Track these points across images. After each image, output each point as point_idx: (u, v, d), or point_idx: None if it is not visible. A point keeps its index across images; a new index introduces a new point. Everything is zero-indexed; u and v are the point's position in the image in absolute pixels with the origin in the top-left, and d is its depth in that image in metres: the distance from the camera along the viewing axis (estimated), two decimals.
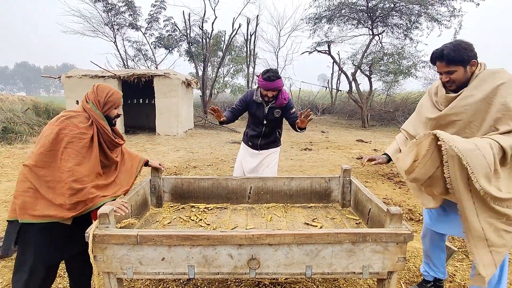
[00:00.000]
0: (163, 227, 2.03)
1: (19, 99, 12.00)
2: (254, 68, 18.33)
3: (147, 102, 13.54)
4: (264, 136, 2.94)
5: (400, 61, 13.78)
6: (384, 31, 14.62)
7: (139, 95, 13.20)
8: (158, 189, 2.38)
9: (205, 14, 15.80)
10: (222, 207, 2.40)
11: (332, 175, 2.50)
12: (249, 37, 17.54)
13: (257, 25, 17.73)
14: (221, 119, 2.70)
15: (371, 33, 14.60)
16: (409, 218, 3.47)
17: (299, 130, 2.72)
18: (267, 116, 2.84)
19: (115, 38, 16.78)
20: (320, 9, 14.44)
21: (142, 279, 2.20)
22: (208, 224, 2.07)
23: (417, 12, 13.16)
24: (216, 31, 17.14)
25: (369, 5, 13.46)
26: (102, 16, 16.12)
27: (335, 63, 17.41)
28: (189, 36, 16.36)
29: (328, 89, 21.99)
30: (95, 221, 1.51)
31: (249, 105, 2.88)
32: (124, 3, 15.96)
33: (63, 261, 1.87)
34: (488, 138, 1.51)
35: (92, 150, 1.75)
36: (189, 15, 15.97)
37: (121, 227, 1.68)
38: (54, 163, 1.63)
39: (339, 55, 17.35)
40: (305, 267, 1.50)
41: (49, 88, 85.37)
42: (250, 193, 2.45)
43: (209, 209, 2.36)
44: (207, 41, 16.23)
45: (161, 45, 17.05)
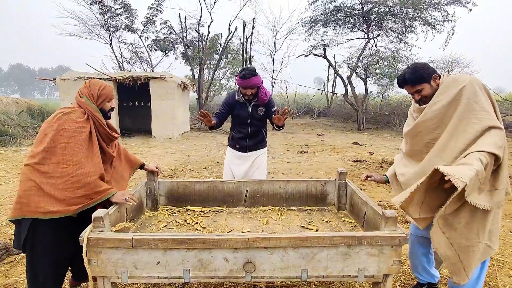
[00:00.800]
0: (158, 231, 2.01)
1: (13, 101, 11.90)
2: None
3: (142, 104, 13.49)
4: (251, 136, 2.94)
5: (395, 64, 13.90)
6: (379, 35, 14.77)
7: (135, 97, 13.16)
8: (154, 192, 2.37)
9: (201, 17, 15.83)
10: (218, 211, 2.39)
11: (328, 178, 2.51)
12: (245, 40, 17.59)
13: (253, 28, 17.81)
14: (211, 123, 2.70)
15: (366, 37, 14.72)
16: (404, 221, 3.49)
17: (276, 128, 2.78)
18: (251, 114, 2.85)
19: (111, 41, 16.72)
20: (316, 13, 14.56)
21: (137, 283, 2.18)
22: (204, 228, 2.06)
23: (411, 16, 13.31)
24: (212, 34, 17.17)
25: (364, 9, 13.59)
26: (97, 19, 16.06)
27: (330, 66, 17.52)
28: (185, 39, 16.36)
29: (324, 92, 22.11)
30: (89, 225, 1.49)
31: (233, 106, 2.88)
32: (120, 5, 15.93)
33: None
34: (477, 152, 1.55)
35: (92, 144, 1.78)
36: (186, 18, 15.99)
37: (116, 231, 1.67)
38: (56, 159, 1.65)
39: (334, 58, 17.50)
40: (301, 271, 1.50)
41: (44, 90, 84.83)
42: (246, 196, 2.45)
43: (205, 212, 2.35)
44: (204, 44, 16.25)
45: (157, 48, 17.01)
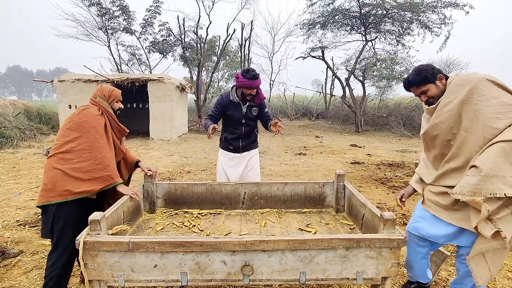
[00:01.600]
0: (156, 233, 2.00)
1: (10, 103, 11.85)
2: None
3: (141, 106, 13.47)
4: (244, 137, 2.95)
5: (393, 66, 13.96)
6: (377, 37, 14.83)
7: (133, 99, 13.14)
8: (151, 194, 2.36)
9: (199, 19, 15.86)
10: (216, 213, 2.38)
11: (326, 180, 2.50)
12: (243, 42, 17.62)
13: (251, 30, 17.84)
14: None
15: (364, 39, 14.78)
16: (402, 223, 3.48)
17: (269, 130, 2.86)
18: (245, 115, 2.86)
19: (109, 43, 16.70)
20: (314, 15, 14.61)
21: (134, 287, 2.16)
22: (202, 230, 2.05)
23: (409, 19, 13.38)
24: (210, 36, 17.19)
25: (362, 11, 13.65)
26: (96, 20, 16.04)
27: (329, 69, 17.57)
28: (183, 41, 16.37)
29: (322, 94, 22.15)
30: (85, 228, 1.48)
31: (226, 107, 2.86)
32: (119, 7, 15.94)
33: None
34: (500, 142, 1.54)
35: (108, 135, 2.06)
36: (184, 20, 16.00)
37: (112, 234, 1.66)
38: (80, 147, 1.91)
39: (332, 60, 17.53)
40: (299, 273, 1.49)
41: (42, 92, 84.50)
42: (244, 198, 2.44)
43: (203, 214, 2.34)
44: (202, 46, 16.26)
45: (155, 50, 17.02)
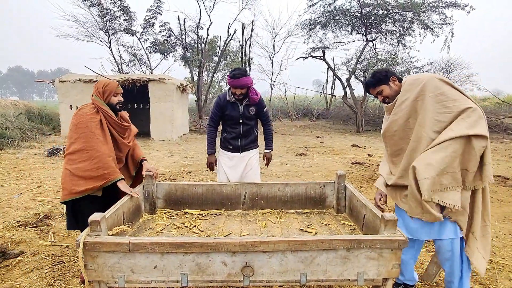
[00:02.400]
0: (156, 234, 2.00)
1: (11, 103, 11.88)
2: (249, 73, 18.37)
3: (141, 107, 13.48)
4: (243, 136, 2.98)
5: (394, 66, 13.93)
6: (377, 37, 14.81)
7: (133, 100, 13.15)
8: (152, 195, 2.35)
9: (200, 19, 15.86)
10: (217, 214, 2.38)
11: (327, 180, 2.49)
12: (244, 42, 17.61)
13: (252, 31, 17.84)
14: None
15: (365, 39, 14.77)
16: None
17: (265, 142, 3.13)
18: (243, 114, 2.90)
19: (110, 43, 16.73)
20: (315, 15, 14.61)
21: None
22: (202, 231, 2.04)
23: (409, 19, 13.36)
24: (211, 36, 17.20)
25: (362, 11, 13.64)
26: (97, 21, 16.07)
27: (329, 69, 17.54)
28: (184, 41, 16.38)
29: (322, 94, 22.13)
30: (85, 229, 1.48)
31: (224, 107, 2.92)
32: (119, 8, 15.96)
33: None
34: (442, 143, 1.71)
35: (104, 132, 2.14)
36: (185, 21, 16.02)
37: (113, 235, 1.65)
38: (80, 147, 2.05)
39: (333, 60, 17.50)
40: (300, 274, 1.49)
41: (43, 93, 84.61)
42: (244, 199, 2.44)
43: (203, 215, 2.33)
44: (203, 46, 16.26)
45: (156, 50, 17.04)
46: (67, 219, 2.19)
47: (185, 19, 16.02)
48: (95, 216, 1.47)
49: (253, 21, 17.94)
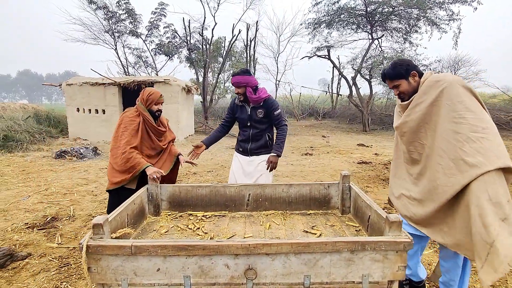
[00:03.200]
0: (160, 236, 2.00)
1: (20, 107, 12.07)
2: (254, 74, 18.37)
3: None
4: (252, 139, 2.94)
5: None
6: (383, 35, 14.69)
7: None
8: (156, 197, 2.36)
9: (205, 20, 15.92)
10: (220, 215, 2.37)
11: (332, 181, 2.47)
12: (249, 42, 17.64)
13: (256, 31, 17.85)
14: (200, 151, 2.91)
15: (370, 37, 14.65)
16: None
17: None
18: (250, 116, 2.89)
19: (115, 46, 16.91)
20: (319, 14, 14.55)
21: None
22: (206, 233, 2.04)
23: (416, 16, 13.22)
24: (216, 37, 17.26)
25: (368, 9, 13.53)
26: (103, 24, 16.27)
27: (335, 68, 17.46)
28: (189, 42, 16.46)
29: (328, 93, 22.02)
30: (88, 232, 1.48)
31: (234, 110, 2.99)
32: (125, 10, 16.10)
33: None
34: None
35: (142, 134, 2.52)
36: (189, 22, 16.10)
37: (116, 237, 1.66)
38: (117, 144, 2.44)
39: (339, 59, 17.42)
40: (303, 277, 1.47)
41: (51, 96, 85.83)
42: (248, 200, 2.43)
43: (207, 217, 2.33)
44: (207, 47, 16.31)
45: (161, 52, 17.16)
46: (107, 207, 2.62)
47: (189, 20, 16.12)
48: (98, 219, 1.48)
49: (257, 21, 17.95)
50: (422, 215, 1.78)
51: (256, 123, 2.89)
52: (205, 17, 15.85)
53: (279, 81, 21.90)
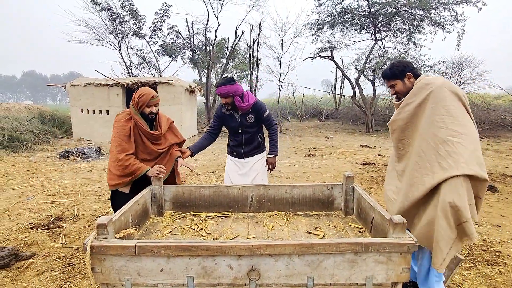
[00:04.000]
0: (163, 237, 2.00)
1: (25, 107, 12.16)
2: (257, 75, 18.39)
3: None
4: (246, 143, 2.97)
5: None
6: (387, 36, 14.63)
7: None
8: (159, 197, 2.36)
9: (208, 21, 15.96)
10: (224, 216, 2.37)
11: (335, 182, 2.46)
12: (252, 43, 17.62)
13: (260, 32, 17.82)
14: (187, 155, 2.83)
15: (374, 38, 14.60)
16: None
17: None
18: (241, 123, 2.89)
19: (119, 47, 16.97)
20: (323, 15, 14.52)
21: None
22: (209, 233, 2.04)
23: (419, 16, 13.16)
24: (219, 38, 17.30)
25: (371, 10, 13.49)
26: (107, 25, 16.32)
27: (338, 69, 17.42)
28: (192, 43, 16.50)
29: (331, 94, 21.98)
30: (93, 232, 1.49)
31: (222, 118, 2.97)
32: (129, 12, 16.18)
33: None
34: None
35: (135, 138, 2.40)
36: (193, 23, 16.15)
37: (120, 237, 1.66)
38: (112, 149, 2.35)
39: (342, 60, 17.41)
40: (307, 278, 1.47)
41: (56, 96, 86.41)
42: (251, 201, 2.43)
43: (210, 217, 2.33)
44: (211, 48, 16.35)
45: (164, 53, 17.19)
46: (112, 206, 2.57)
47: (193, 21, 16.16)
48: (102, 220, 1.48)
49: (260, 22, 17.94)
50: (400, 209, 1.91)
51: (247, 128, 2.92)
52: (208, 18, 15.91)
53: (282, 82, 21.85)
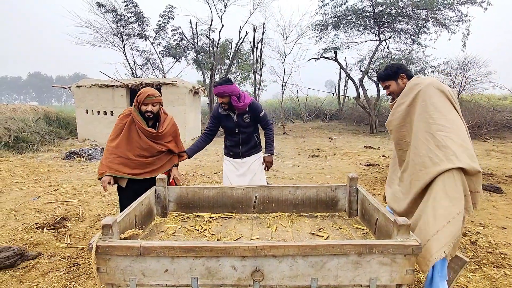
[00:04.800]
0: (167, 238, 2.01)
1: (31, 108, 12.26)
2: (261, 76, 18.44)
3: None
4: (243, 143, 3.00)
5: (408, 66, 13.66)
6: (391, 36, 14.57)
7: None
8: (163, 198, 2.38)
9: (212, 23, 16.01)
10: (227, 217, 2.38)
11: (339, 183, 2.46)
12: (255, 44, 17.67)
13: (263, 33, 17.86)
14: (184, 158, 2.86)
15: (378, 39, 14.56)
16: None
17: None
18: (238, 124, 2.92)
19: (124, 48, 17.07)
20: (326, 16, 14.50)
21: None
22: (213, 234, 2.05)
23: (424, 17, 13.09)
24: (223, 39, 17.34)
25: (375, 11, 13.45)
26: (111, 27, 16.44)
27: (342, 69, 17.38)
28: (196, 44, 16.56)
29: (335, 95, 21.93)
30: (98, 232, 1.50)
31: (219, 119, 2.99)
32: (133, 13, 16.28)
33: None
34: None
35: (130, 134, 2.47)
36: (196, 24, 16.20)
37: (124, 238, 1.68)
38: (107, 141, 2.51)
39: (346, 61, 17.34)
40: (310, 279, 1.47)
41: (61, 97, 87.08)
42: (255, 202, 2.43)
43: (214, 218, 2.34)
44: (214, 49, 16.40)
45: (168, 54, 17.27)
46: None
47: (197, 23, 16.22)
48: (107, 220, 1.50)
49: (264, 23, 17.97)
50: (402, 207, 1.98)
51: (244, 128, 2.95)
52: (212, 20, 15.96)
53: (285, 83, 21.87)
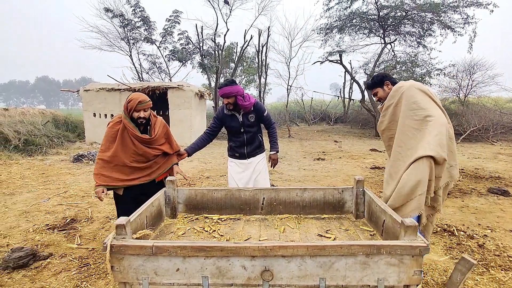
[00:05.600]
0: (177, 238, 2.05)
1: (39, 112, 12.46)
2: (266, 79, 18.49)
3: (161, 113, 13.79)
4: (248, 143, 3.06)
5: (414, 69, 13.63)
6: (396, 39, 14.56)
7: (153, 107, 13.44)
8: (173, 200, 2.42)
9: (217, 27, 16.14)
10: (235, 218, 2.41)
11: (345, 186, 2.48)
12: (260, 48, 17.74)
13: (268, 36, 17.93)
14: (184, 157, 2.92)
15: (383, 42, 14.55)
16: None
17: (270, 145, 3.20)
18: (243, 123, 2.98)
19: (130, 52, 17.29)
20: (331, 19, 14.55)
21: None
22: (222, 235, 2.08)
23: (429, 19, 13.07)
24: (228, 43, 17.46)
25: (380, 14, 13.46)
26: (118, 31, 16.67)
27: (347, 72, 17.38)
28: (202, 48, 16.70)
29: (340, 98, 21.90)
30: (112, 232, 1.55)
31: (223, 119, 3.04)
32: (140, 18, 16.50)
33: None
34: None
35: (123, 142, 2.44)
36: (202, 28, 16.36)
37: (136, 238, 1.72)
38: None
39: (351, 64, 17.35)
40: (319, 279, 1.49)
41: (68, 101, 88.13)
42: (263, 204, 2.46)
43: (223, 220, 2.37)
44: (220, 53, 16.52)
45: (175, 58, 17.44)
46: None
47: (202, 27, 16.38)
48: (121, 220, 1.54)
49: (269, 26, 18.05)
50: (387, 195, 2.16)
51: (249, 127, 3.02)
52: (217, 24, 16.09)
53: (290, 86, 21.90)
